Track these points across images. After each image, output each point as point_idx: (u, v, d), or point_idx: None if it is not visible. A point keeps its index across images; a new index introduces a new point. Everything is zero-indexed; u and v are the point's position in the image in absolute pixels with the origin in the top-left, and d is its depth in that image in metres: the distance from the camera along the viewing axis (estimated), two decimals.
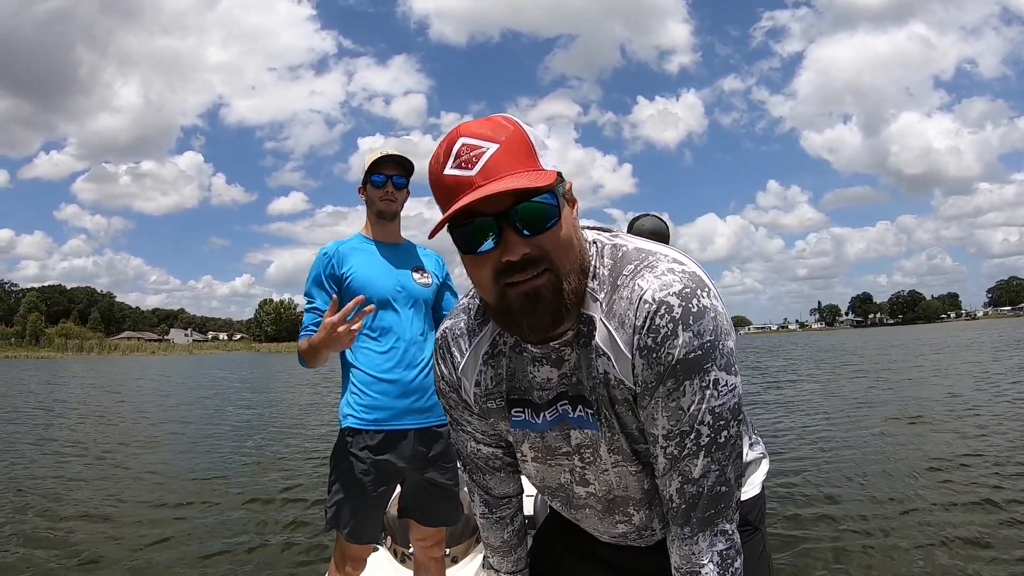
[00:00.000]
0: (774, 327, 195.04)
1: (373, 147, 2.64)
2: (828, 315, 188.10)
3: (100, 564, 4.24)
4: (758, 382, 16.84)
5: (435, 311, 2.39)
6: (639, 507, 1.09)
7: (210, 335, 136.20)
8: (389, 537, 3.06)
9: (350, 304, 1.97)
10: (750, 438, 1.20)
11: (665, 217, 2.86)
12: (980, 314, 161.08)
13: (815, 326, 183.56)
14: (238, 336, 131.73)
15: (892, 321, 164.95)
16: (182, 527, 5.09)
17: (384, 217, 2.32)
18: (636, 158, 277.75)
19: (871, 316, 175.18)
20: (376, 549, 3.01)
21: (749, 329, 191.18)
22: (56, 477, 7.24)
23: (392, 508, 2.61)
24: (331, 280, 2.24)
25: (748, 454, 1.18)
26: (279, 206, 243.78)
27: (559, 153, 0.90)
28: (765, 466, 1.22)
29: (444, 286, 2.42)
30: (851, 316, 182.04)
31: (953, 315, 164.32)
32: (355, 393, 2.22)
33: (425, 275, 2.34)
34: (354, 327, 1.98)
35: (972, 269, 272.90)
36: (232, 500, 6.00)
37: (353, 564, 2.27)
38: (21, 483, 6.91)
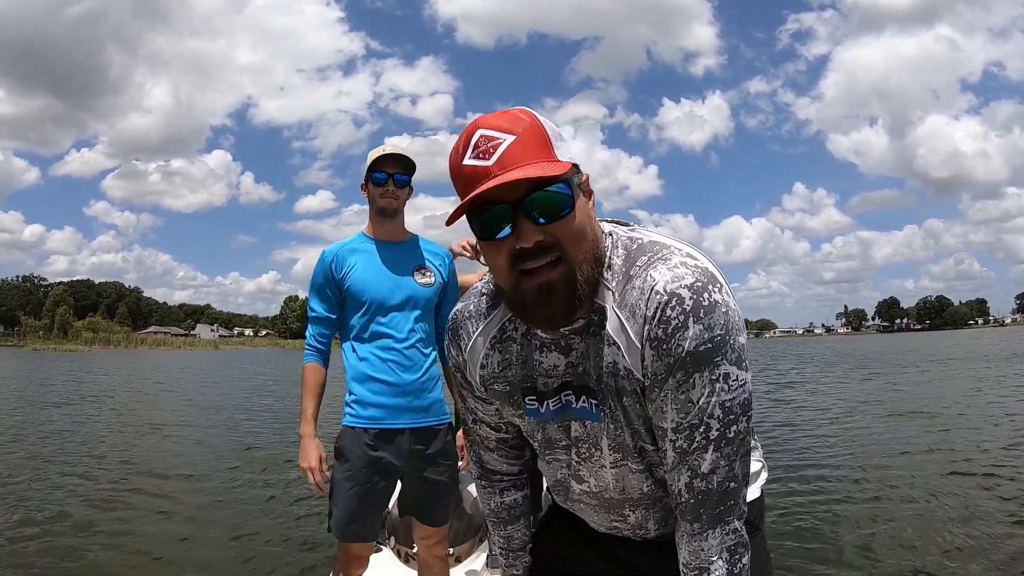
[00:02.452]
0: (799, 331, 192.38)
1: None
2: (854, 320, 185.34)
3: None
4: (771, 382, 16.69)
5: (439, 310, 2.36)
6: (635, 508, 1.10)
7: (236, 331, 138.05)
8: (392, 537, 3.06)
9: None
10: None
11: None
12: (1008, 320, 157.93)
13: (841, 330, 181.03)
14: (263, 332, 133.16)
15: (919, 327, 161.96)
16: (206, 513, 5.23)
17: (385, 215, 2.30)
18: (662, 160, 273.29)
19: (898, 321, 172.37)
20: (379, 550, 3.02)
21: (774, 332, 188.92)
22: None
23: (395, 509, 2.62)
24: (331, 285, 2.26)
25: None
26: (306, 204, 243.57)
27: (585, 154, 1.16)
28: (764, 474, 1.23)
29: (448, 285, 2.39)
30: (878, 321, 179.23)
31: (981, 321, 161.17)
32: (352, 392, 2.23)
33: (427, 274, 2.31)
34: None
35: (1000, 274, 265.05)
36: (251, 492, 6.06)
37: (356, 563, 2.27)
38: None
